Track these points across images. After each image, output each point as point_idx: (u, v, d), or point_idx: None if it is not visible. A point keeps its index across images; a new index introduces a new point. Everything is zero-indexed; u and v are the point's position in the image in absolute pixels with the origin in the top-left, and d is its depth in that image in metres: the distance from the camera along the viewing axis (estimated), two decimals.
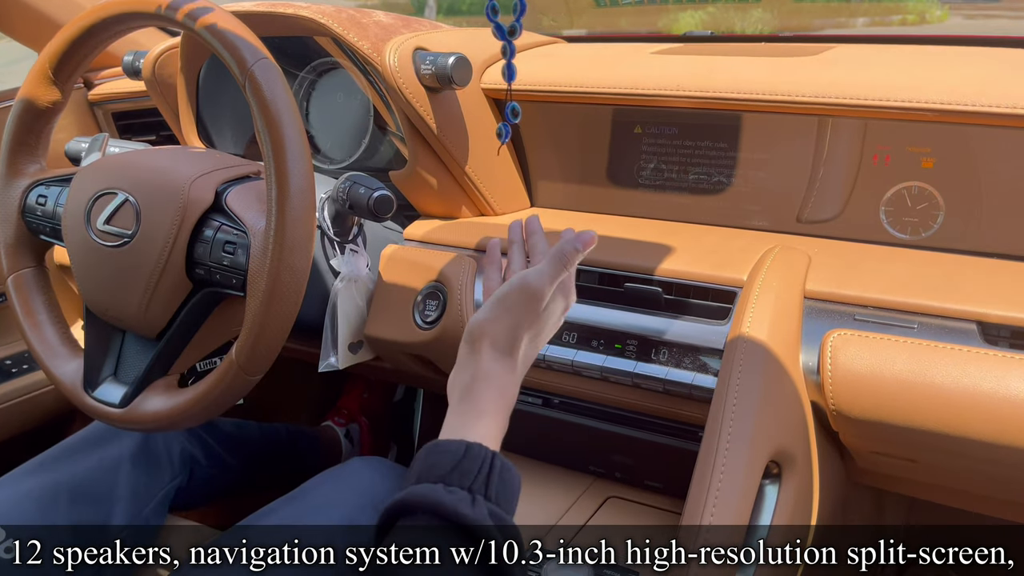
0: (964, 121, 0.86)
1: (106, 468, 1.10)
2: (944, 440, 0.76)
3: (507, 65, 0.66)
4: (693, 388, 0.87)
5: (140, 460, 1.14)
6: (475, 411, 0.67)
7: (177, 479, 1.19)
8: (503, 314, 0.70)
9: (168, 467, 1.18)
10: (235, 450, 1.37)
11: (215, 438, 1.33)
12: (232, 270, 0.88)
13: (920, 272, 0.87)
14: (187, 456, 1.23)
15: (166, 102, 1.24)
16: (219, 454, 1.32)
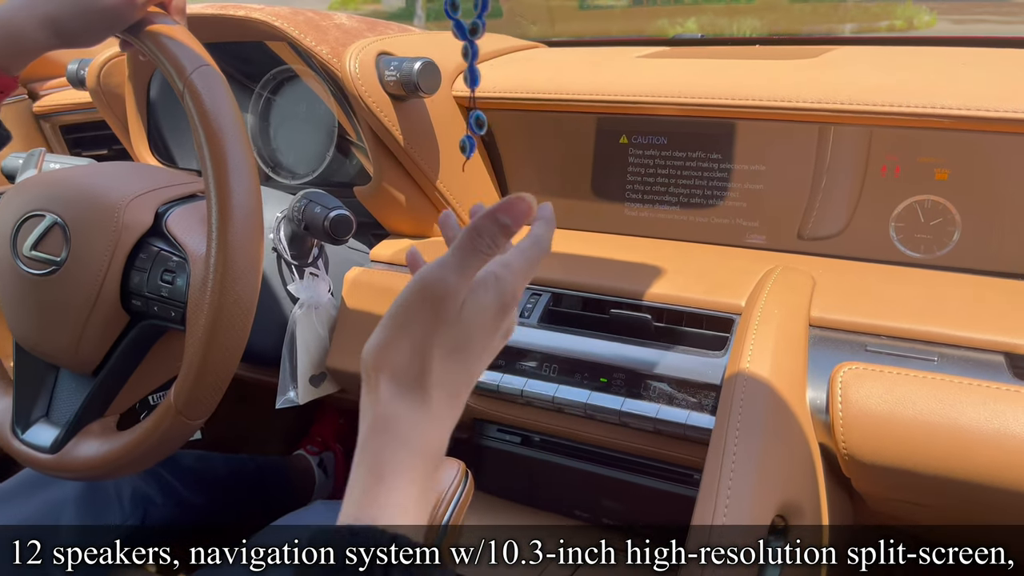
0: (984, 129, 0.78)
1: (47, 513, 1.01)
2: (975, 490, 0.67)
3: (469, 68, 0.57)
4: (688, 428, 0.78)
5: (85, 502, 1.04)
6: (374, 475, 0.49)
7: (128, 521, 1.10)
8: (398, 333, 0.49)
9: (117, 508, 1.09)
10: (196, 486, 1.27)
11: (173, 473, 1.24)
12: (171, 302, 0.79)
13: (937, 296, 0.78)
14: (140, 495, 1.13)
15: (114, 114, 1.15)
16: (177, 491, 1.23)
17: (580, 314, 0.87)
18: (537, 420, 0.87)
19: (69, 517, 1.02)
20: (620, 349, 0.83)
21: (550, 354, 0.85)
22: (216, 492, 1.32)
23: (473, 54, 0.57)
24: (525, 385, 0.85)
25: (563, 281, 0.89)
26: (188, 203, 0.86)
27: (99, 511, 1.06)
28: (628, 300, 0.85)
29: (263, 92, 1.12)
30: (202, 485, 1.29)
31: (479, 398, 0.89)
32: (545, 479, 0.92)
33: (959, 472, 0.66)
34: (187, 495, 1.24)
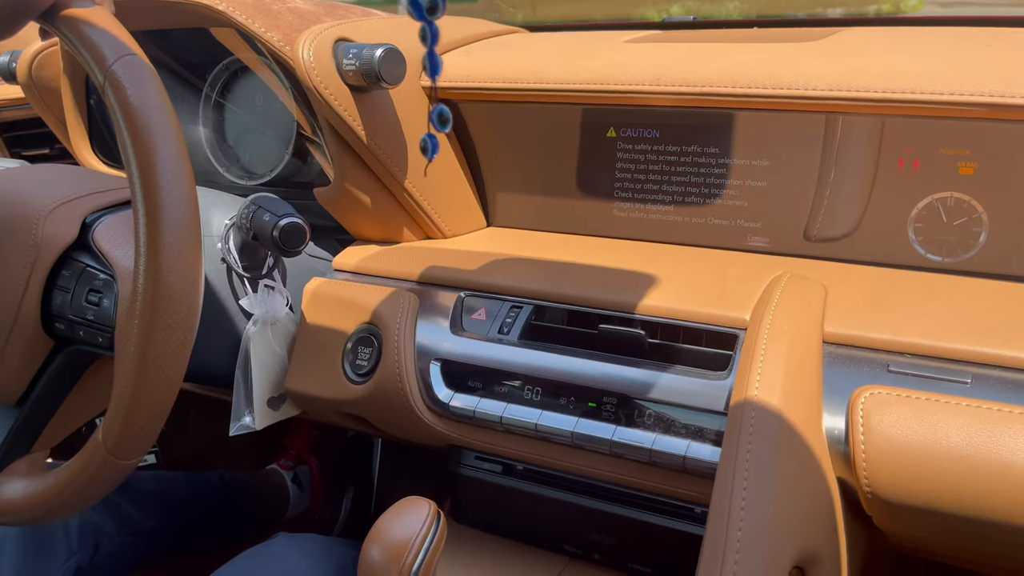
0: (1015, 117, 0.69)
1: None
2: (1014, 533, 0.58)
3: (428, 54, 0.47)
4: (687, 460, 0.69)
5: (27, 539, 0.95)
6: None
7: (75, 557, 1.00)
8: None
9: (64, 544, 0.99)
10: (155, 510, 1.18)
11: (128, 498, 1.14)
12: (97, 326, 0.70)
13: (966, 306, 0.70)
14: (89, 528, 1.04)
15: (50, 110, 1.05)
16: (133, 518, 1.13)
17: (565, 329, 0.78)
18: (519, 449, 0.78)
19: (9, 557, 0.93)
20: (610, 369, 0.74)
21: (532, 375, 0.76)
22: (178, 516, 1.22)
23: (432, 37, 0.48)
24: (504, 411, 0.76)
25: (546, 292, 0.80)
26: (120, 211, 0.76)
27: (43, 548, 0.97)
28: (619, 314, 0.76)
29: (214, 86, 1.02)
30: (161, 509, 1.19)
31: (453, 424, 0.80)
32: (530, 511, 0.83)
33: (1001, 514, 0.58)
34: (144, 522, 1.15)
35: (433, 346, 0.81)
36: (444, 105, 0.52)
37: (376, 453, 1.63)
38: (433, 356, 0.80)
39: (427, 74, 0.49)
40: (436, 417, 0.80)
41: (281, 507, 1.46)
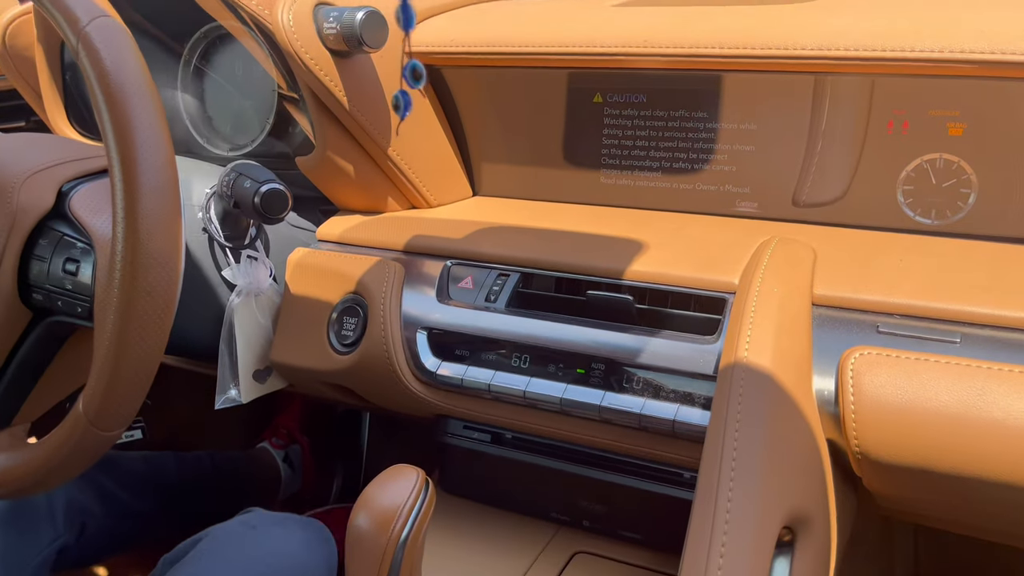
0: (1009, 75, 0.68)
1: None
2: (1005, 490, 0.58)
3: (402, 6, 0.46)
4: (677, 424, 0.69)
5: (11, 518, 0.94)
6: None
7: (61, 539, 0.99)
8: None
9: (48, 525, 0.98)
10: (144, 491, 1.17)
11: (116, 479, 1.13)
12: (75, 295, 0.68)
13: (955, 267, 0.69)
14: (76, 508, 1.03)
15: (24, 80, 1.02)
16: (121, 500, 1.12)
17: (553, 296, 0.77)
18: (507, 416, 0.78)
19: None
20: (599, 335, 0.73)
21: (520, 343, 0.75)
22: (166, 496, 1.21)
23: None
24: (492, 378, 0.76)
25: (534, 259, 0.79)
26: (97, 179, 0.74)
27: (27, 530, 0.95)
28: (607, 280, 0.75)
29: (193, 53, 1.00)
30: (149, 490, 1.18)
31: (441, 393, 0.79)
32: (518, 480, 0.82)
33: (991, 473, 0.57)
34: (132, 503, 1.14)
35: (419, 315, 0.80)
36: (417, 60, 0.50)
37: (364, 429, 1.62)
38: (420, 325, 0.79)
39: (400, 26, 0.48)
40: (423, 386, 0.79)
41: (273, 487, 1.45)
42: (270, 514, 0.84)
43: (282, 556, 0.78)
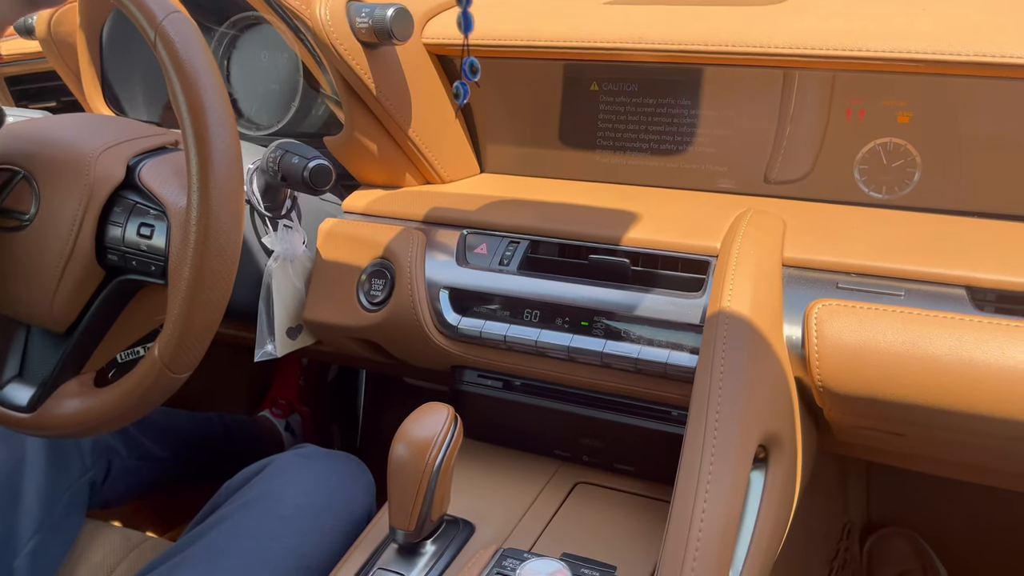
0: (946, 72, 0.81)
1: (8, 473, 0.99)
2: (939, 415, 0.71)
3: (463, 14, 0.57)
4: (668, 367, 0.81)
5: (46, 456, 1.03)
6: None
7: (90, 473, 1.08)
8: None
9: (77, 460, 1.07)
10: (163, 440, 1.27)
11: (139, 427, 1.22)
12: (150, 255, 0.78)
13: (902, 234, 0.82)
14: (103, 447, 1.12)
15: (65, 64, 1.11)
16: (143, 444, 1.22)
17: (559, 260, 0.89)
18: (520, 364, 0.89)
19: (31, 471, 1.01)
20: (600, 293, 0.85)
21: (531, 300, 0.87)
22: (182, 448, 1.31)
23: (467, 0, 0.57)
24: (508, 331, 0.87)
25: (541, 228, 0.90)
26: (159, 155, 0.84)
27: (60, 463, 1.04)
28: (606, 245, 0.87)
29: (223, 40, 1.10)
30: (168, 440, 1.28)
31: (461, 344, 0.91)
32: (526, 421, 0.94)
33: (929, 399, 0.70)
34: (153, 449, 1.23)
35: (441, 277, 0.91)
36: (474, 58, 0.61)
37: (360, 393, 1.73)
38: (441, 285, 0.90)
39: (460, 31, 0.58)
40: (446, 339, 0.90)
41: (276, 449, 1.55)
42: (320, 448, 0.95)
43: (332, 480, 0.89)
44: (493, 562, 0.75)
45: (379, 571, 0.78)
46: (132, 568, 1.01)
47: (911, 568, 1.30)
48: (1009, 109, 0.81)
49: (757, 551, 0.70)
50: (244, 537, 0.85)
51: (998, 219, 0.84)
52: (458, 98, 0.61)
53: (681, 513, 0.65)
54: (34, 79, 1.25)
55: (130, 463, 1.17)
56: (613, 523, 0.85)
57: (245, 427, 1.48)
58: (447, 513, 0.81)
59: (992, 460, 0.85)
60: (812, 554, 1.12)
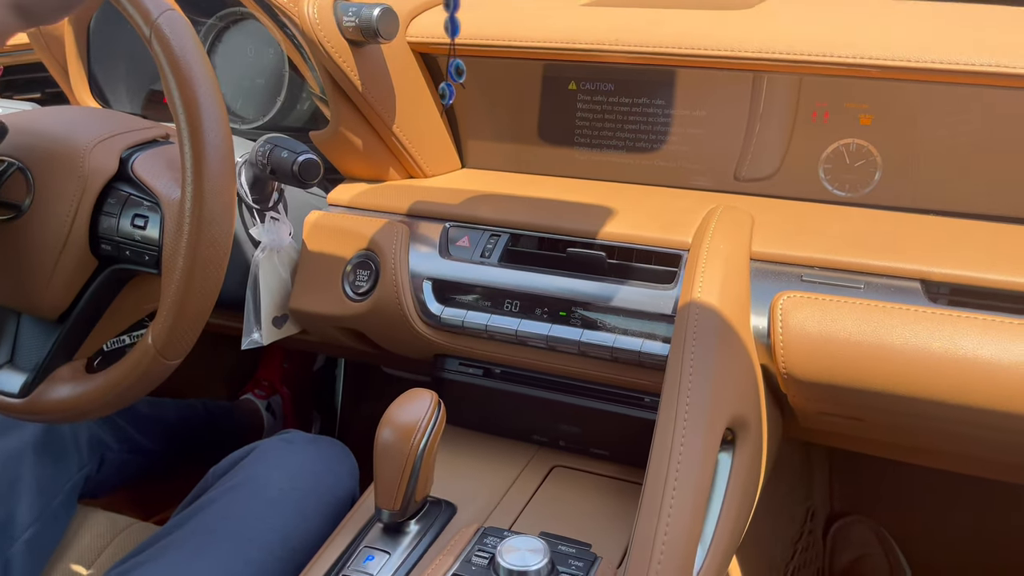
0: (906, 78, 0.86)
1: (6, 461, 1.01)
2: (895, 400, 0.76)
3: (450, 18, 0.60)
4: (642, 355, 0.85)
5: (44, 450, 1.05)
6: None
7: (86, 468, 1.11)
8: None
9: (75, 455, 1.10)
10: (150, 431, 1.29)
11: (127, 419, 1.25)
12: (144, 246, 0.80)
13: (862, 231, 0.87)
14: (96, 442, 1.14)
15: (53, 56, 1.12)
16: (132, 436, 1.24)
17: (538, 253, 0.92)
18: (500, 352, 0.93)
19: (29, 463, 1.03)
20: (577, 285, 0.89)
21: (512, 291, 0.90)
22: (168, 437, 1.33)
23: (455, 4, 0.61)
24: (489, 320, 0.90)
25: (521, 222, 0.94)
26: (150, 148, 0.86)
27: (58, 458, 1.07)
28: (583, 239, 0.91)
29: (209, 33, 1.12)
30: (155, 430, 1.30)
31: (444, 334, 0.94)
32: (505, 407, 0.97)
33: (885, 385, 0.75)
34: (141, 440, 1.26)
35: (424, 269, 0.94)
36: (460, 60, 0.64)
37: (339, 384, 1.76)
38: (425, 277, 0.94)
39: (448, 34, 0.62)
40: (429, 328, 0.94)
41: (257, 433, 1.58)
42: (304, 434, 0.98)
43: (317, 464, 0.92)
44: (475, 540, 0.78)
45: (365, 548, 0.81)
46: (120, 550, 1.03)
47: (873, 552, 1.35)
48: (964, 114, 0.86)
49: (724, 528, 0.75)
50: (231, 519, 0.88)
51: (952, 217, 0.89)
52: (444, 98, 0.64)
53: (653, 490, 0.70)
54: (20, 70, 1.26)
55: (121, 456, 1.20)
56: (588, 504, 0.89)
57: (228, 412, 1.50)
58: (430, 494, 0.85)
59: (945, 443, 0.90)
60: (777, 535, 1.17)
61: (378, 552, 0.80)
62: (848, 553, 1.36)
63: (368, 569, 0.79)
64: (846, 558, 1.36)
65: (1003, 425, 0.73)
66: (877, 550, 1.33)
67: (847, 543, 1.38)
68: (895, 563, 1.32)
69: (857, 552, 1.36)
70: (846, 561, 1.34)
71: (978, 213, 0.88)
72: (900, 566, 1.33)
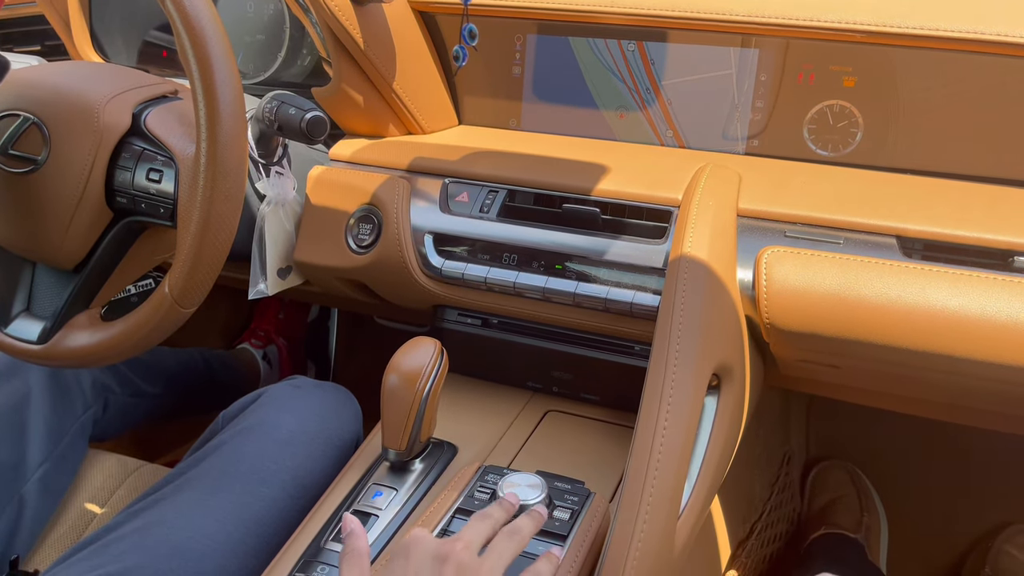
0: (888, 43, 0.89)
1: (15, 404, 1.05)
2: (870, 348, 0.81)
3: None
4: (634, 306, 0.90)
5: (50, 393, 1.09)
6: None
7: (91, 409, 1.15)
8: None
9: (80, 397, 1.13)
10: (151, 377, 1.33)
11: (129, 365, 1.28)
12: (159, 199, 0.84)
13: (843, 189, 0.91)
14: (100, 385, 1.18)
15: (54, 9, 1.13)
16: (134, 381, 1.28)
17: (535, 209, 0.96)
18: (499, 304, 0.97)
19: (37, 405, 1.07)
20: (572, 239, 0.93)
21: (510, 244, 0.95)
22: (169, 382, 1.37)
23: None
24: (488, 273, 0.95)
25: (518, 178, 0.97)
26: (162, 103, 0.89)
27: (63, 400, 1.10)
28: (577, 195, 0.95)
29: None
30: (156, 376, 1.34)
31: (444, 285, 0.98)
32: (502, 356, 1.02)
33: (861, 334, 0.81)
34: (143, 386, 1.30)
35: (425, 223, 0.98)
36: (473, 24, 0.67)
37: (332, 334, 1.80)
38: (426, 231, 0.97)
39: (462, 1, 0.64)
40: (430, 280, 0.98)
41: (253, 381, 1.62)
42: (311, 380, 1.02)
43: (323, 408, 0.97)
44: (476, 477, 0.84)
45: (373, 485, 0.86)
46: (131, 491, 1.08)
47: (847, 493, 1.43)
48: (942, 77, 0.90)
49: (708, 467, 0.81)
50: (243, 460, 0.93)
51: (928, 176, 0.94)
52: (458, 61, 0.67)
53: (644, 431, 0.75)
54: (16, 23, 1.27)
55: (124, 400, 1.23)
56: (580, 445, 0.95)
57: (225, 360, 1.54)
58: (433, 436, 0.90)
59: (916, 390, 0.96)
60: (756, 477, 1.24)
61: (385, 488, 0.86)
62: (823, 496, 1.43)
63: (377, 504, 0.84)
64: (821, 500, 1.43)
65: (969, 371, 0.79)
66: (851, 491, 1.40)
67: (824, 487, 1.45)
68: (867, 504, 1.39)
69: (832, 495, 1.43)
70: (821, 503, 1.42)
71: (952, 173, 0.93)
72: (873, 507, 1.40)
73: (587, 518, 0.79)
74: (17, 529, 0.99)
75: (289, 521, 0.89)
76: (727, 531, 1.11)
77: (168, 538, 0.85)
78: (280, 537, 0.87)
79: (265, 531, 0.88)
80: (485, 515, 0.71)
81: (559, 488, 0.82)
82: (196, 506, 0.88)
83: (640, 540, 0.70)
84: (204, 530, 0.86)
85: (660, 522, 0.72)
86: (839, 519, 1.35)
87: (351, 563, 0.66)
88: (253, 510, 0.88)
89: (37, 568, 0.98)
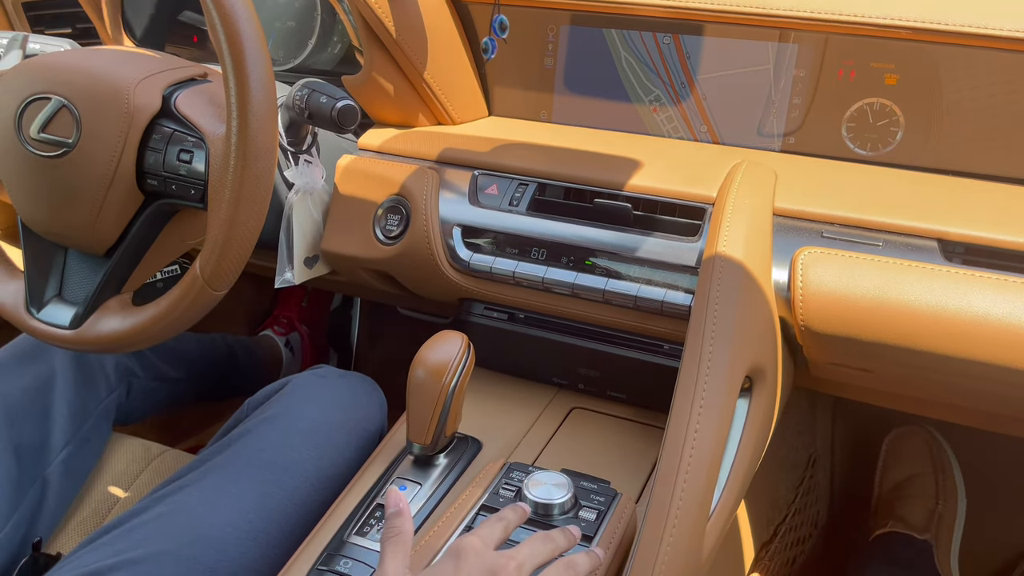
0: (934, 40, 0.87)
1: (39, 386, 1.05)
2: (907, 354, 0.79)
3: None
4: (665, 304, 0.88)
5: (74, 376, 1.09)
6: None
7: (114, 393, 1.15)
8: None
9: (103, 381, 1.13)
10: (174, 361, 1.33)
11: (152, 350, 1.28)
12: (190, 180, 0.83)
13: (882, 189, 0.89)
14: (123, 369, 1.18)
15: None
16: (157, 366, 1.28)
17: (565, 203, 0.95)
18: (527, 299, 0.96)
19: (60, 388, 1.07)
20: (603, 235, 0.91)
21: (539, 239, 0.93)
22: (191, 368, 1.37)
23: None
24: (516, 267, 0.94)
25: (548, 172, 0.96)
26: (191, 86, 0.88)
27: (87, 383, 1.10)
28: (609, 190, 0.93)
29: None
30: (179, 361, 1.34)
31: (472, 279, 0.97)
32: (528, 351, 1.01)
33: (899, 339, 0.79)
34: (167, 370, 1.30)
35: (454, 215, 0.97)
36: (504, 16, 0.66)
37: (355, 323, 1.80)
38: (455, 223, 0.96)
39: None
40: (457, 273, 0.97)
41: (275, 369, 1.62)
42: (336, 369, 1.02)
43: (348, 398, 0.97)
44: (502, 474, 0.83)
45: (397, 479, 0.85)
46: (155, 475, 1.08)
47: (923, 472, 1.27)
48: (987, 77, 0.88)
49: (738, 470, 0.79)
50: (268, 449, 0.92)
51: (970, 178, 0.91)
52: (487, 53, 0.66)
53: (676, 433, 0.74)
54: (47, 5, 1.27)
55: (147, 384, 1.24)
56: (606, 443, 0.94)
57: (247, 347, 1.55)
58: (458, 430, 0.89)
59: (951, 396, 0.94)
60: (781, 479, 1.22)
61: (409, 483, 0.85)
62: (897, 470, 1.28)
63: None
64: (895, 476, 1.28)
65: (1011, 380, 0.77)
66: (927, 468, 1.26)
67: (898, 456, 1.29)
68: (945, 485, 1.23)
69: (907, 471, 1.27)
70: (895, 480, 1.27)
71: (995, 175, 0.91)
72: (952, 488, 1.24)
73: (613, 519, 0.78)
74: (40, 511, 0.99)
75: (311, 512, 0.89)
76: (751, 533, 1.10)
77: (191, 525, 0.84)
78: (302, 528, 0.86)
79: (287, 521, 0.88)
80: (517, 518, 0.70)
81: (585, 488, 0.81)
82: (220, 494, 0.88)
83: (670, 543, 0.69)
84: (227, 518, 0.85)
85: (690, 525, 0.71)
86: (908, 512, 1.22)
87: (395, 546, 0.64)
88: (276, 500, 0.88)
89: (60, 551, 0.98)
